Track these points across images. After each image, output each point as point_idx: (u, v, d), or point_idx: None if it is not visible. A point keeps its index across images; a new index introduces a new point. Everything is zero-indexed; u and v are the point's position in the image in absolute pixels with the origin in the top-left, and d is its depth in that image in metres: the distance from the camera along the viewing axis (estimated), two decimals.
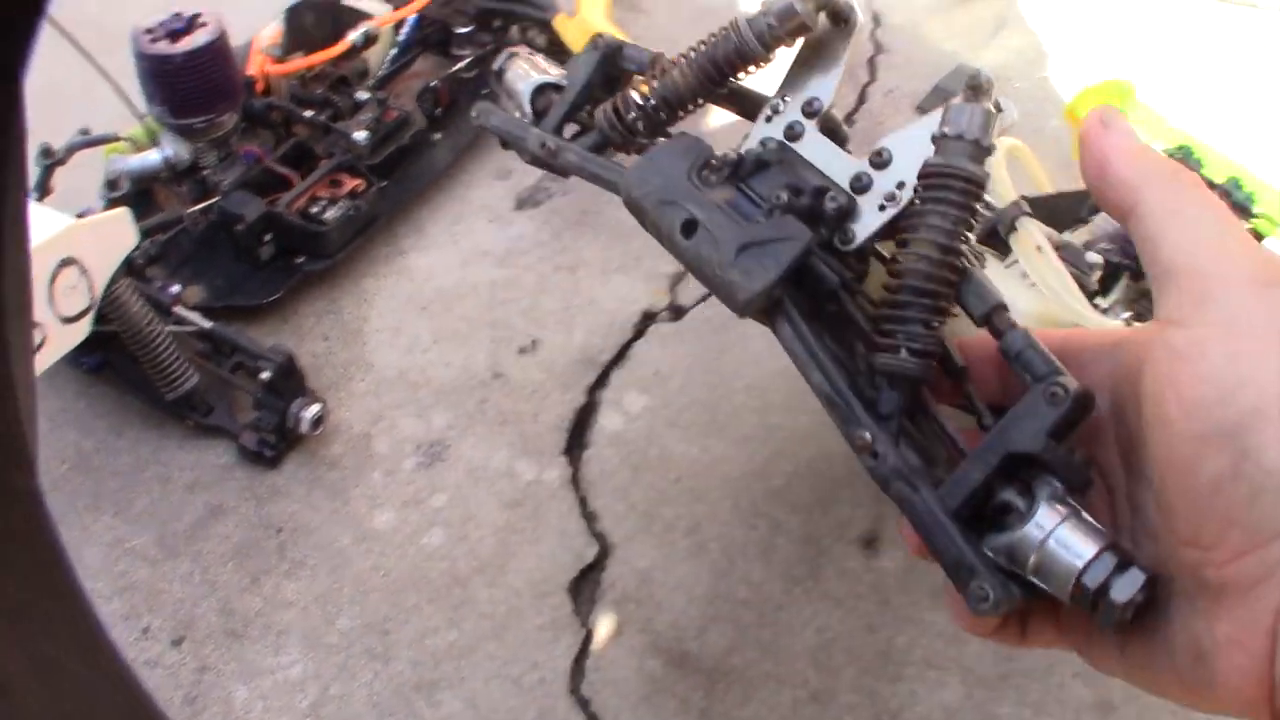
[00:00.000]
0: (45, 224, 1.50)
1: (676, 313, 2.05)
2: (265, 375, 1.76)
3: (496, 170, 2.33)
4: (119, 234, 1.55)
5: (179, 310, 1.83)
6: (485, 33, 2.48)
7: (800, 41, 0.88)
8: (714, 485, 1.78)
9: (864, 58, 2.66)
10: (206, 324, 1.81)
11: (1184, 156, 1.61)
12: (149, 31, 1.92)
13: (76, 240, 1.47)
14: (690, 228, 0.74)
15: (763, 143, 0.85)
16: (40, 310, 1.44)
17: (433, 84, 2.29)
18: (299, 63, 2.17)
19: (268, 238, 1.99)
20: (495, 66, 1.11)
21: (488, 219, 2.22)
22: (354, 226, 2.05)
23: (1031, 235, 1.16)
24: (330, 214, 2.02)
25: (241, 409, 1.86)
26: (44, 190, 1.90)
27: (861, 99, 2.54)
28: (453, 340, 1.99)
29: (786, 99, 0.88)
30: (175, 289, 1.87)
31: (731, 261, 0.71)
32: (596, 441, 1.85)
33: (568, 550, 1.71)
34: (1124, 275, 1.61)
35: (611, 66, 0.99)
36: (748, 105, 0.94)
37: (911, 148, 0.74)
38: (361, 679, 1.57)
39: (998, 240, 1.31)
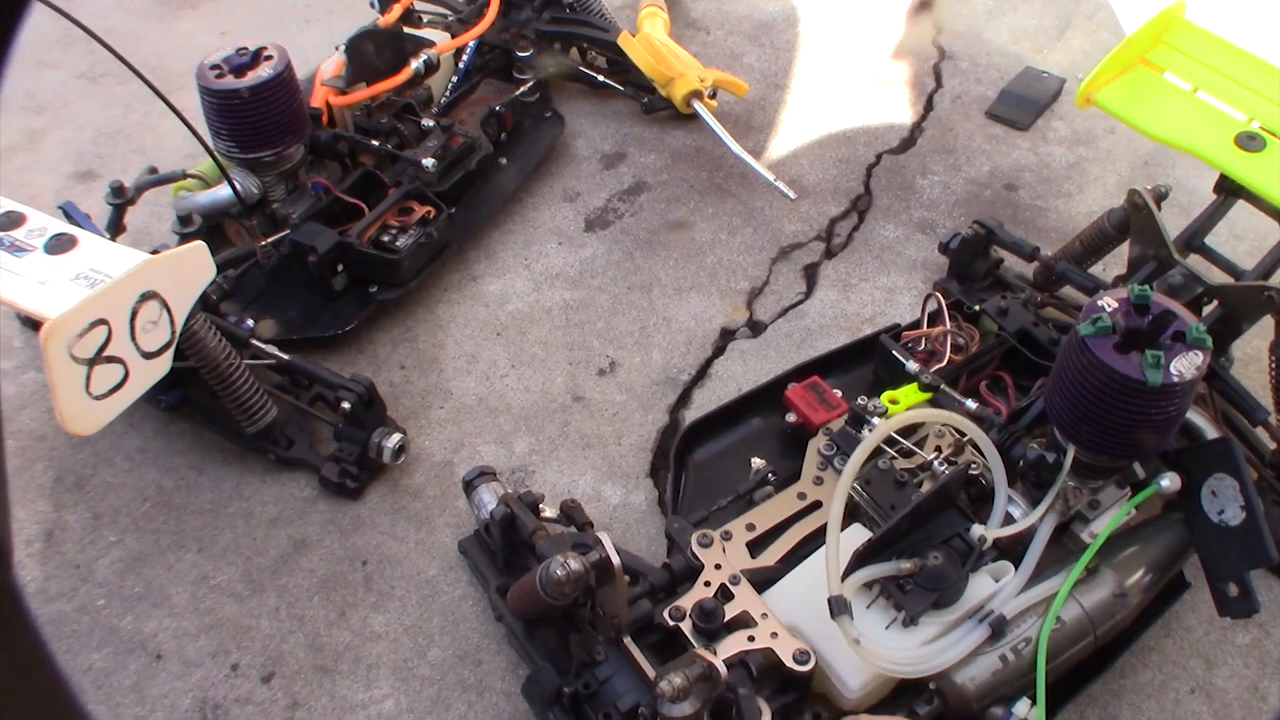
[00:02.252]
0: (123, 260, 1.49)
1: (755, 329, 2.01)
2: (346, 406, 1.74)
3: (564, 192, 2.31)
4: (196, 267, 1.54)
5: (255, 344, 1.81)
6: (546, 56, 2.46)
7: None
8: None
9: (929, 64, 2.62)
10: (284, 356, 1.80)
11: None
12: (214, 67, 1.91)
13: (155, 274, 1.46)
14: None
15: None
16: (122, 346, 1.43)
17: (497, 109, 2.28)
18: (363, 93, 2.16)
19: (340, 268, 1.98)
20: (467, 478, 1.66)
21: (558, 241, 2.20)
22: (426, 254, 2.04)
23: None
24: (402, 242, 2.01)
25: (321, 441, 1.85)
26: (116, 229, 1.90)
27: (929, 106, 2.50)
28: (530, 365, 1.97)
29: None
30: (249, 323, 1.86)
31: None
32: None
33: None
34: None
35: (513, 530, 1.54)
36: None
37: None
38: (455, 711, 1.54)
39: None
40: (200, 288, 1.55)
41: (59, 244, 1.53)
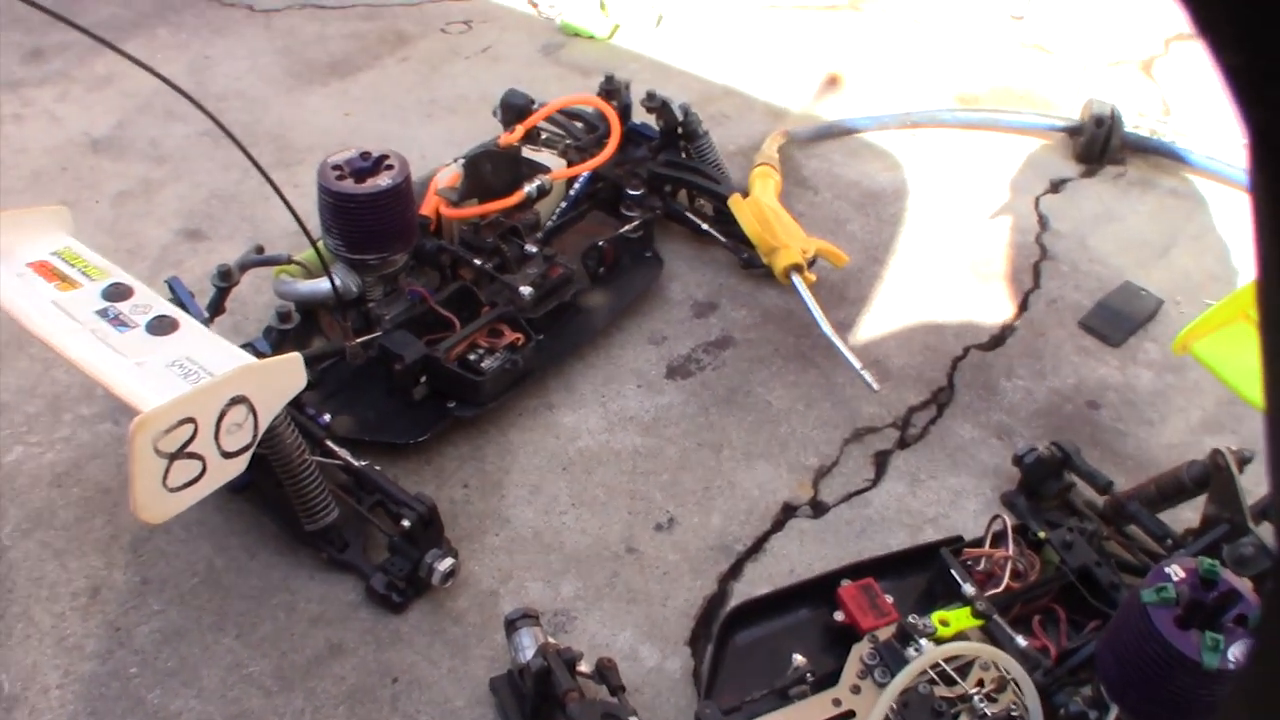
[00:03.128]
0: (220, 355, 1.53)
1: (818, 509, 2.01)
2: (406, 523, 1.76)
3: (651, 334, 2.34)
4: (289, 378, 1.57)
5: (329, 444, 1.85)
6: (655, 196, 2.51)
7: None
8: None
9: (1029, 261, 2.63)
10: (355, 463, 1.83)
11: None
12: (336, 168, 1.98)
13: (248, 381, 1.49)
14: None
15: None
16: (205, 444, 1.46)
17: (600, 243, 2.32)
18: (474, 209, 2.22)
19: (423, 379, 2.02)
20: (510, 617, 1.66)
21: (637, 384, 2.22)
22: (509, 379, 2.07)
23: None
24: (488, 364, 2.04)
25: (375, 547, 1.87)
26: (217, 309, 1.95)
27: (1024, 305, 2.51)
28: (590, 506, 1.98)
29: None
30: (326, 418, 1.89)
31: None
32: None
33: None
34: None
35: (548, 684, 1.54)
36: None
37: None
38: None
39: None
40: (289, 396, 1.58)
41: (160, 325, 1.57)
